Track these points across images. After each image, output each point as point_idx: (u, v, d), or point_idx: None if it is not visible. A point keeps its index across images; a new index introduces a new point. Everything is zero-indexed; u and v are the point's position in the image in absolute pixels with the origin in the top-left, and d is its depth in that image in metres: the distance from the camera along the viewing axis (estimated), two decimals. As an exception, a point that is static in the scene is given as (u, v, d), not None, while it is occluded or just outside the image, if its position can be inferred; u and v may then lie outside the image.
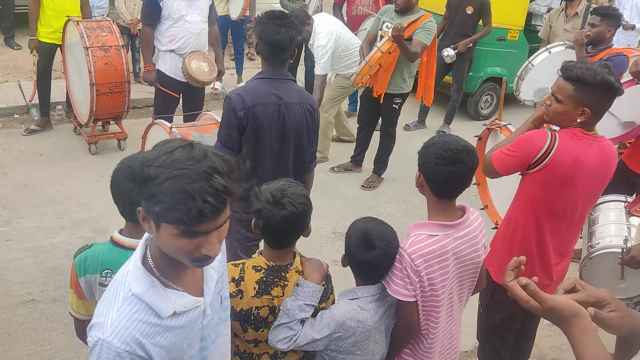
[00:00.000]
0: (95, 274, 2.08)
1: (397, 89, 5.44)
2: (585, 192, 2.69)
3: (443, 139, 2.29)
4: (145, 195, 1.36)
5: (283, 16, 3.01)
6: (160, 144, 1.44)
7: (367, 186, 5.89)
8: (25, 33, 8.60)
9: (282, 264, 2.27)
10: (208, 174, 1.33)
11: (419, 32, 5.17)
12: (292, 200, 2.17)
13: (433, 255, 2.23)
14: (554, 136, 2.63)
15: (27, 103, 6.67)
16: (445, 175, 2.24)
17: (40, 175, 5.42)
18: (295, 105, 3.07)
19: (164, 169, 1.33)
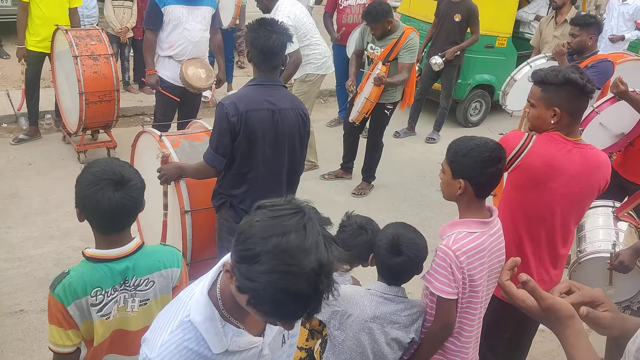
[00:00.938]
0: (86, 296, 1.99)
1: (389, 98, 5.49)
2: (564, 197, 2.68)
3: (478, 141, 2.34)
4: (242, 268, 1.25)
5: (274, 22, 3.03)
6: (273, 205, 1.31)
7: (357, 193, 5.89)
8: (13, 42, 8.57)
9: None
10: (316, 275, 1.21)
11: (403, 54, 5.23)
12: None
13: (475, 252, 2.30)
14: (530, 137, 2.67)
15: (15, 112, 6.62)
16: (492, 175, 2.34)
17: (29, 185, 5.39)
18: (288, 110, 3.08)
19: (271, 258, 1.21)
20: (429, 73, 7.10)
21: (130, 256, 2.04)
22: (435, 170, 6.40)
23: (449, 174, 2.39)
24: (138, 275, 2.06)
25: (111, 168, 2.01)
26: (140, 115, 7.27)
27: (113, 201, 1.95)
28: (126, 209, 1.99)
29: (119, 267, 2.02)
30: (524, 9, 8.75)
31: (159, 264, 2.10)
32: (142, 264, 2.06)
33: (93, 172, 1.99)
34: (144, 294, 2.09)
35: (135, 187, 2.01)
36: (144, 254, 2.08)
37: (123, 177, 1.99)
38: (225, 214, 3.22)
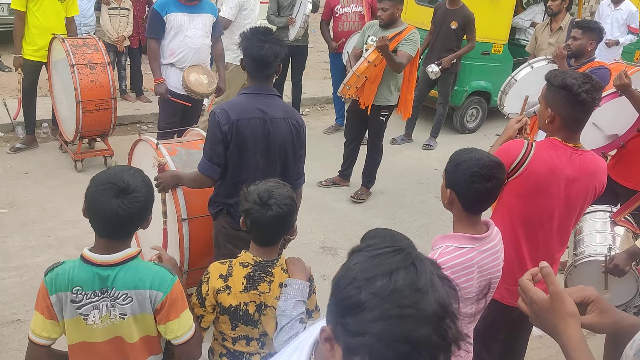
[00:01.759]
0: (67, 291, 2.03)
1: (384, 101, 5.48)
2: (563, 202, 2.71)
3: (474, 155, 2.31)
4: (348, 322, 1.03)
5: (267, 32, 3.05)
6: (370, 246, 1.13)
7: (355, 197, 5.89)
8: (10, 51, 8.58)
9: (269, 259, 2.38)
10: (439, 318, 1.01)
11: (404, 44, 5.23)
12: (279, 202, 2.29)
13: (460, 268, 2.26)
14: (530, 145, 2.68)
15: (12, 121, 6.62)
16: (480, 192, 2.27)
17: (26, 194, 5.38)
18: (281, 120, 3.07)
19: (381, 302, 1.00)
20: (425, 80, 7.12)
21: (114, 267, 2.03)
22: (432, 177, 6.42)
23: (444, 182, 2.40)
24: (117, 289, 2.05)
25: (122, 175, 2.04)
26: (137, 123, 7.27)
27: (107, 207, 1.98)
28: (119, 218, 1.99)
29: (101, 274, 2.03)
30: (519, 15, 8.79)
31: (139, 283, 2.06)
32: (123, 278, 2.04)
33: (106, 173, 2.06)
34: (121, 308, 2.07)
35: (135, 200, 2.01)
36: (128, 268, 2.06)
37: (128, 187, 2.01)
38: (222, 221, 3.21)
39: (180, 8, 5.08)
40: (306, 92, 7.99)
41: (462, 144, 4.44)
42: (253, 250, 2.40)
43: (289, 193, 2.36)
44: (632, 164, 4.22)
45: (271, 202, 2.28)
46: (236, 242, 3.15)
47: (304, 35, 7.03)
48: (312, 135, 7.22)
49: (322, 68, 9.58)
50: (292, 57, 7.11)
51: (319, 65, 9.80)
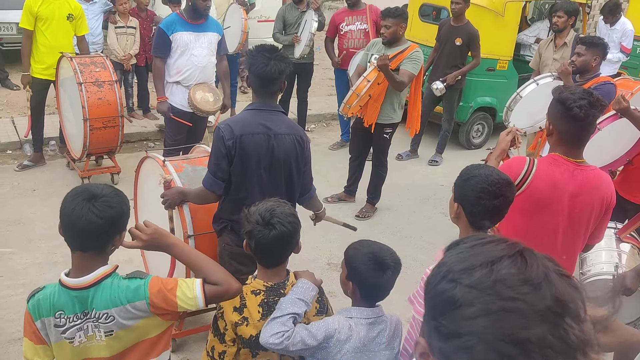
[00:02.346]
0: (50, 317, 2.01)
1: (388, 119, 5.50)
2: (566, 218, 2.70)
3: (483, 171, 2.31)
4: (440, 326, 0.89)
5: (273, 49, 3.08)
6: (469, 238, 0.99)
7: (361, 216, 5.88)
8: (18, 70, 8.67)
9: (279, 282, 2.34)
10: (556, 315, 0.82)
11: (406, 62, 5.25)
12: (282, 220, 2.26)
13: None
14: (532, 162, 2.68)
15: (20, 139, 6.68)
16: (487, 208, 2.27)
17: (33, 211, 5.40)
18: (285, 135, 3.09)
19: (480, 295, 0.85)
20: (430, 97, 7.14)
21: (89, 289, 2.00)
22: (438, 193, 6.41)
23: (452, 196, 2.40)
24: (97, 309, 2.03)
25: (92, 185, 2.04)
26: (144, 140, 7.31)
27: (77, 210, 1.93)
28: (91, 223, 1.93)
29: (78, 297, 2.01)
30: (524, 32, 8.83)
31: (116, 300, 2.02)
32: (100, 299, 2.02)
33: (82, 185, 2.06)
34: (106, 327, 2.05)
35: (106, 204, 1.96)
36: (103, 288, 2.02)
37: (100, 191, 1.98)
38: (226, 238, 3.22)
39: (186, 27, 5.15)
40: (312, 108, 8.03)
41: (468, 159, 4.43)
42: (261, 275, 2.35)
43: (290, 211, 2.34)
44: (639, 179, 4.21)
45: (274, 221, 2.25)
46: (241, 259, 3.16)
47: (310, 52, 7.08)
48: (318, 151, 7.24)
49: (328, 85, 9.63)
50: (297, 75, 7.15)
51: (325, 82, 9.85)
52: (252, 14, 8.50)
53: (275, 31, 7.19)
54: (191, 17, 5.15)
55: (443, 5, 7.43)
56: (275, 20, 7.23)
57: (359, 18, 6.91)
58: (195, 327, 3.98)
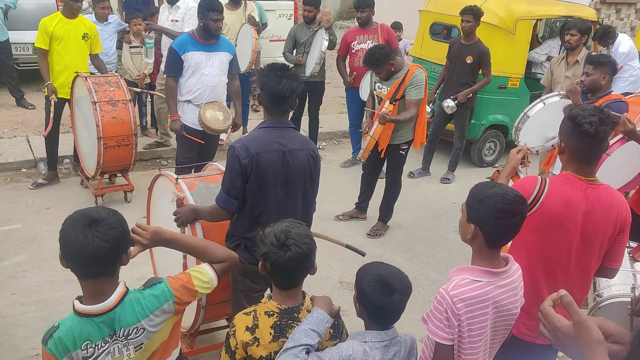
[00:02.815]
0: (76, 350, 1.99)
1: (403, 137, 5.53)
2: (579, 237, 2.68)
3: (498, 190, 2.29)
4: None
5: (284, 68, 3.11)
6: None
7: (372, 234, 5.87)
8: (34, 89, 8.81)
9: (294, 306, 2.30)
10: None
11: (410, 90, 5.29)
12: (297, 241, 2.24)
13: (475, 301, 2.23)
14: (544, 181, 2.67)
15: (34, 157, 6.75)
16: (505, 227, 2.26)
17: (47, 229, 5.44)
18: (299, 151, 3.12)
19: None
20: (441, 114, 7.15)
21: (114, 309, 2.02)
22: (451, 211, 6.39)
23: (464, 216, 2.38)
24: (126, 326, 2.04)
25: (88, 210, 2.02)
26: (157, 158, 7.37)
27: (82, 239, 1.92)
28: (97, 249, 1.93)
29: (104, 322, 2.01)
30: (535, 50, 8.84)
31: (144, 312, 2.07)
32: (127, 316, 2.04)
33: (78, 211, 2.02)
34: (136, 341, 2.08)
35: (109, 226, 1.96)
36: (128, 305, 2.04)
37: (99, 215, 1.97)
38: (240, 256, 3.21)
39: (198, 47, 5.21)
40: (323, 126, 8.06)
41: (480, 177, 4.41)
42: (276, 297, 2.33)
43: (306, 232, 2.32)
44: None
45: (289, 243, 2.22)
46: (254, 277, 3.16)
47: (321, 71, 7.13)
48: (330, 168, 7.26)
49: (339, 103, 9.67)
50: (309, 93, 7.20)
51: (336, 100, 9.89)
52: (264, 33, 8.58)
53: (285, 50, 7.26)
54: (202, 37, 5.22)
55: (454, 23, 7.46)
56: (286, 39, 7.30)
57: (370, 37, 6.95)
58: (207, 346, 3.97)
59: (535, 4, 7.99)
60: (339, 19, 14.35)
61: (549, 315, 1.42)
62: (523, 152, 3.10)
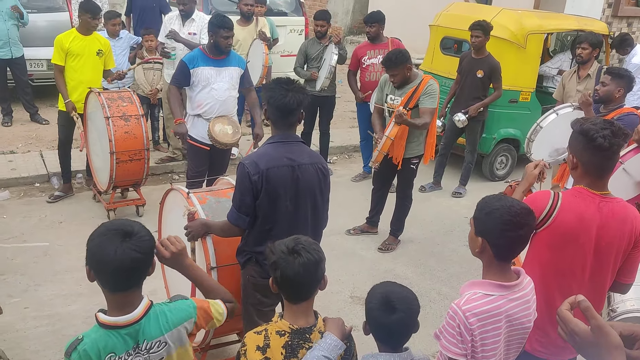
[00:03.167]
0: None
1: (415, 152, 5.52)
2: (593, 251, 2.65)
3: (504, 202, 2.29)
4: None
5: (290, 81, 3.14)
6: None
7: (384, 249, 5.85)
8: (48, 104, 8.91)
9: (306, 326, 2.28)
10: None
11: (424, 99, 5.28)
12: (306, 247, 2.26)
13: (487, 315, 2.22)
14: (557, 196, 2.65)
15: (48, 172, 6.81)
16: (513, 239, 2.26)
17: (60, 243, 5.47)
18: (308, 165, 3.13)
19: None
20: (452, 128, 7.14)
21: (140, 321, 2.04)
22: (462, 225, 6.36)
23: (472, 230, 2.38)
24: (149, 339, 2.06)
25: (121, 222, 2.06)
26: (169, 173, 7.41)
27: (119, 252, 1.95)
28: (134, 261, 1.97)
29: (129, 333, 2.03)
30: (546, 64, 8.82)
31: (168, 325, 2.10)
32: (152, 328, 2.07)
33: (104, 225, 2.06)
34: (157, 355, 2.10)
35: (143, 239, 2.01)
36: (152, 317, 2.08)
37: (132, 228, 2.01)
38: (251, 270, 3.23)
39: (208, 62, 5.25)
40: (334, 140, 8.07)
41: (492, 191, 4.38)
42: (288, 315, 2.31)
43: (314, 242, 2.35)
44: None
45: (299, 248, 2.24)
46: (265, 291, 3.15)
47: (331, 85, 7.16)
48: (340, 183, 7.26)
49: (350, 117, 9.69)
50: (320, 107, 7.22)
51: (346, 115, 9.92)
52: (275, 48, 8.64)
53: (296, 65, 7.30)
54: (213, 52, 5.26)
55: (464, 38, 7.48)
56: (297, 54, 7.34)
57: (381, 51, 6.97)
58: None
59: (546, 18, 7.99)
60: (350, 34, 14.43)
61: (567, 320, 1.43)
62: (540, 167, 3.08)
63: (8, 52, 7.96)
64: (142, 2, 8.49)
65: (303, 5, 9.98)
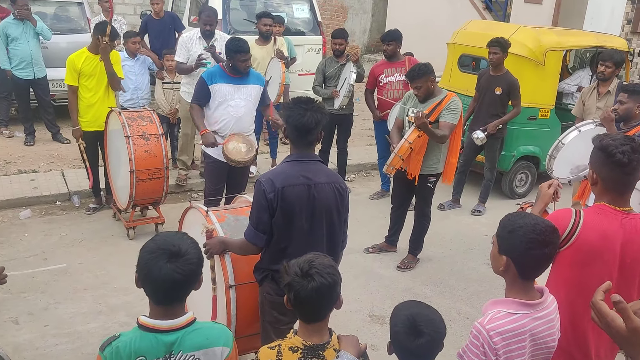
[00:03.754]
0: None
1: (432, 169, 5.48)
2: (617, 269, 2.61)
3: (529, 220, 2.26)
4: None
5: (309, 101, 3.15)
6: None
7: (403, 267, 5.80)
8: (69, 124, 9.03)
9: (319, 343, 2.26)
10: None
11: (445, 114, 5.25)
12: (320, 271, 2.23)
13: (512, 334, 2.19)
14: (579, 214, 2.62)
15: (69, 190, 6.89)
16: (537, 258, 2.23)
17: (79, 261, 5.52)
18: (325, 184, 3.12)
19: None
20: (471, 146, 7.10)
21: (179, 330, 2.07)
22: (482, 243, 6.29)
23: (495, 248, 2.35)
24: (184, 351, 2.07)
25: (171, 240, 2.08)
26: (187, 191, 7.45)
27: (163, 272, 2.00)
28: (176, 282, 2.02)
29: (166, 340, 2.04)
30: (565, 80, 8.77)
31: (207, 342, 2.12)
32: (190, 340, 2.08)
33: (155, 240, 2.10)
34: None
35: (189, 262, 2.05)
36: (193, 331, 2.10)
37: (179, 250, 2.04)
38: (267, 287, 3.22)
39: (227, 79, 5.30)
40: (352, 158, 8.07)
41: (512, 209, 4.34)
42: (302, 331, 2.30)
43: (330, 263, 2.30)
44: None
45: (312, 272, 2.21)
46: (282, 309, 3.13)
47: (349, 103, 7.18)
48: (358, 201, 7.24)
49: (368, 135, 9.70)
50: (337, 125, 7.24)
51: (364, 133, 9.93)
52: (293, 67, 8.70)
53: (315, 84, 7.33)
54: (232, 72, 5.31)
55: (482, 55, 7.47)
56: (316, 73, 7.38)
57: (398, 70, 6.99)
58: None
59: (565, 35, 7.96)
60: (367, 52, 14.50)
61: (603, 313, 1.45)
62: (554, 186, 3.04)
63: (31, 73, 8.12)
64: (158, 23, 8.63)
65: (321, 24, 10.06)
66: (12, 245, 5.76)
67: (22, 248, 5.71)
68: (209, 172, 5.63)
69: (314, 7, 9.99)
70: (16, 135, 8.64)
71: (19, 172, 7.35)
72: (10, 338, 4.34)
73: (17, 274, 5.07)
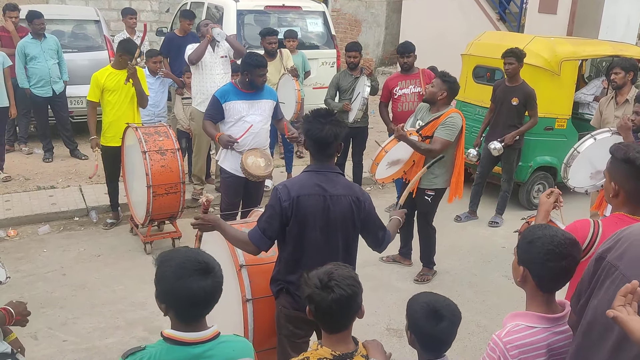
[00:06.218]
0: None
1: (429, 184, 5.43)
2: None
3: (548, 232, 2.24)
4: None
5: (328, 114, 3.16)
6: None
7: (419, 280, 5.76)
8: (87, 140, 9.13)
9: (347, 352, 2.25)
10: None
11: (440, 129, 5.22)
12: (340, 283, 2.22)
13: (530, 348, 2.16)
14: (597, 224, 2.59)
15: (87, 206, 6.95)
16: (555, 270, 2.20)
17: (97, 276, 5.55)
18: (341, 197, 3.12)
19: None
20: (488, 157, 7.07)
21: (207, 343, 2.06)
22: (500, 255, 6.23)
23: (515, 259, 2.33)
24: None
25: (194, 257, 2.06)
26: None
27: (208, 288, 2.02)
28: (213, 295, 2.05)
29: (194, 352, 2.03)
30: (581, 90, 8.70)
31: (234, 353, 2.12)
32: (220, 353, 2.07)
33: (178, 265, 2.03)
34: None
35: (219, 271, 2.09)
36: (221, 343, 2.10)
37: (208, 264, 2.06)
38: (283, 300, 3.21)
39: (240, 96, 5.32)
40: (367, 171, 8.05)
41: (530, 220, 4.31)
42: (327, 342, 2.29)
43: (350, 273, 2.29)
44: None
45: (332, 284, 2.21)
46: (297, 323, 3.13)
47: (364, 116, 7.18)
48: (375, 214, 7.20)
49: (383, 148, 9.68)
50: (352, 138, 7.24)
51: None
52: (307, 81, 8.74)
53: (327, 97, 7.35)
54: (245, 87, 5.34)
55: (496, 66, 7.45)
56: (329, 86, 7.40)
57: (412, 82, 6.98)
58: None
59: (580, 45, 7.91)
60: (381, 65, 14.53)
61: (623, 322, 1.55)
62: (554, 195, 3.02)
63: (49, 90, 8.24)
64: (179, 42, 8.69)
65: (334, 37, 10.11)
66: (31, 260, 5.82)
67: (41, 263, 5.76)
68: (225, 187, 5.66)
69: (328, 20, 10.05)
70: (35, 152, 8.76)
71: (37, 188, 7.45)
72: (30, 353, 4.35)
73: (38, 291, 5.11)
